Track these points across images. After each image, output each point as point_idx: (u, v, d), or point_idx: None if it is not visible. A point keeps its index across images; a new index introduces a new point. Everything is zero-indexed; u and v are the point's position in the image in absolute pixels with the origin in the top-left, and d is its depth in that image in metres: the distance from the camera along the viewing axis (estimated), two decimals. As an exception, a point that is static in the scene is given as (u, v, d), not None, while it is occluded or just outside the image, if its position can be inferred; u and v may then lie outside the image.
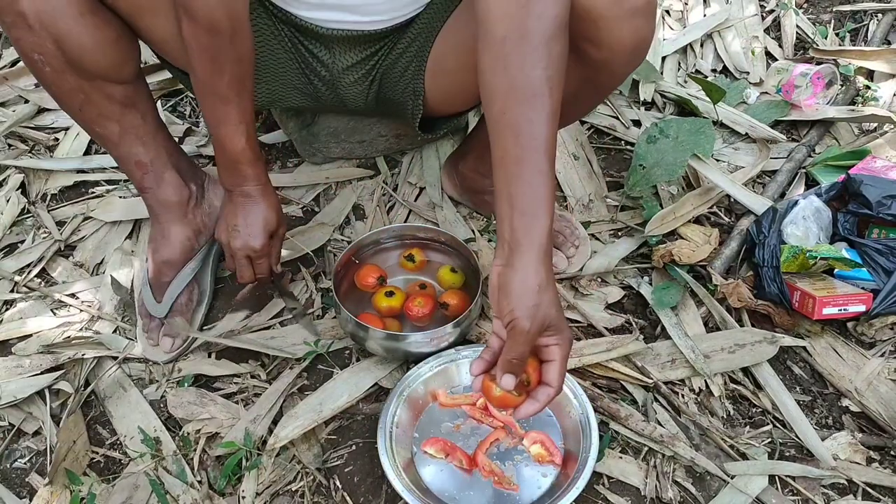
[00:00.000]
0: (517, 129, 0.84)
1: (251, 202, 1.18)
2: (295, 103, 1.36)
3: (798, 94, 1.73)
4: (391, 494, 1.13)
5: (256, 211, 1.18)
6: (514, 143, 0.84)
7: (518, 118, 0.84)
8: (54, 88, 1.11)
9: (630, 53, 1.00)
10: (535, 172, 0.84)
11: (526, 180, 0.84)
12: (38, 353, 1.32)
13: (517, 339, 0.84)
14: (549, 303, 0.84)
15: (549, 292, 0.84)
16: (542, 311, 0.83)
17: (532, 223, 0.84)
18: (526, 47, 0.83)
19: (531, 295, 0.82)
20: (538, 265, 0.83)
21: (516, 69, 0.84)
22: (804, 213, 1.37)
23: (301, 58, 1.24)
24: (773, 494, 1.12)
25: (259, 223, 1.19)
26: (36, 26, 0.98)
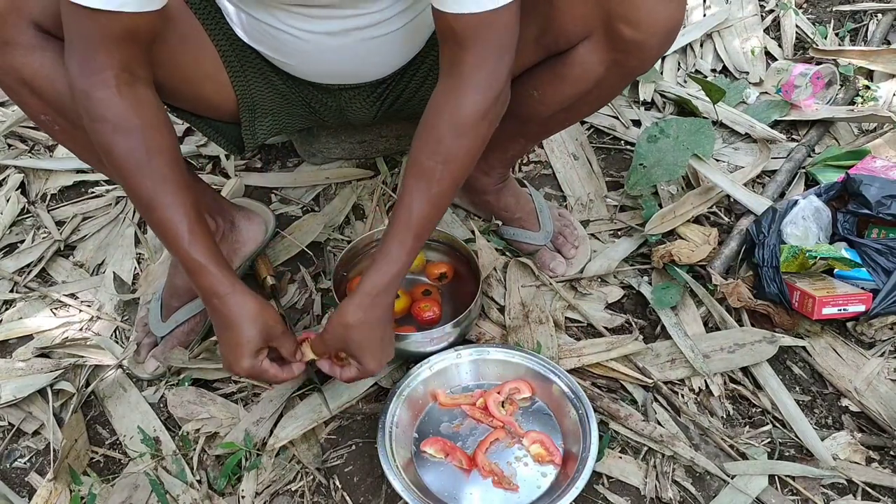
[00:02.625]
0: (404, 199, 1.01)
1: (221, 320, 1.02)
2: (300, 126, 1.36)
3: (798, 93, 1.73)
4: (391, 494, 1.13)
5: (229, 330, 1.01)
6: (399, 210, 1.01)
7: (409, 189, 1.00)
8: (69, 145, 1.11)
9: (663, 35, 1.02)
10: (396, 241, 1.01)
11: (388, 243, 1.02)
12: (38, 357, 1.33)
13: (319, 340, 1.08)
14: (353, 338, 1.04)
15: (359, 331, 1.03)
16: (341, 340, 1.05)
17: (375, 275, 1.02)
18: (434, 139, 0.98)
19: (340, 325, 1.03)
20: (358, 305, 1.02)
21: (419, 150, 0.99)
22: (804, 212, 1.37)
23: (307, 97, 1.24)
24: (772, 494, 1.12)
25: (234, 344, 1.01)
26: (37, 90, 0.98)
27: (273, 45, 1.11)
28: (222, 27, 1.12)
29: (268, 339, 1.03)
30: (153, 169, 0.94)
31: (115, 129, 0.92)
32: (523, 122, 1.22)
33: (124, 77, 0.91)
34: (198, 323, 1.33)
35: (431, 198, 1.00)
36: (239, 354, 1.01)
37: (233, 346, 1.01)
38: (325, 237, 1.50)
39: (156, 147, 0.94)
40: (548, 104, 1.15)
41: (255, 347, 1.02)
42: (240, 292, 1.00)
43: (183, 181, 0.97)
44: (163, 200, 0.95)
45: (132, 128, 0.92)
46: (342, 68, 1.15)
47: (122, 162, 0.94)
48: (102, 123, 0.92)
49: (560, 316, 1.35)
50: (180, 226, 0.96)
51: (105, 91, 0.90)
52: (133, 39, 0.90)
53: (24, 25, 0.93)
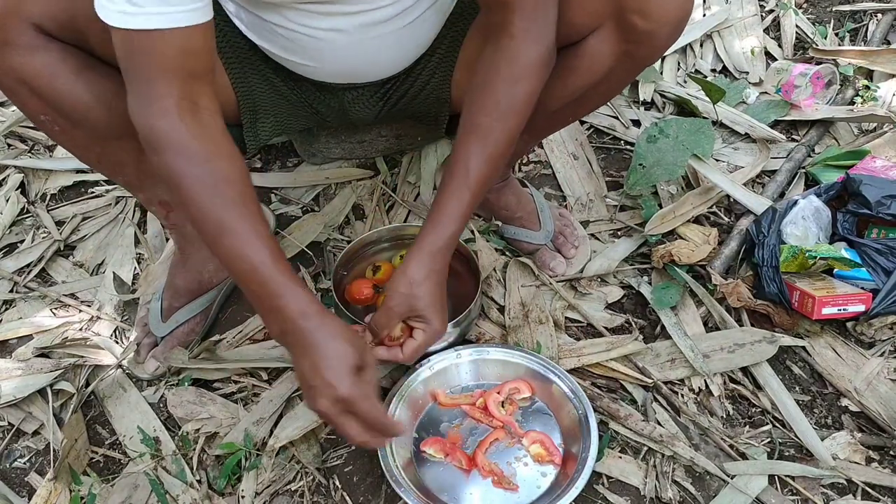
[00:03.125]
0: (461, 158, 1.01)
1: (311, 344, 0.90)
2: (302, 126, 1.36)
3: (797, 93, 1.73)
4: (390, 494, 1.13)
5: (321, 352, 0.90)
6: (455, 168, 1.01)
7: (465, 148, 1.01)
8: (68, 145, 1.10)
9: (674, 25, 1.04)
10: (454, 199, 1.01)
11: (445, 202, 1.02)
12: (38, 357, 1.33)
13: (382, 312, 1.04)
14: (419, 296, 1.01)
15: (426, 287, 1.01)
16: (409, 300, 1.01)
17: (433, 233, 1.02)
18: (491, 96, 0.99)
19: (406, 284, 1.01)
20: (420, 263, 1.01)
21: (475, 110, 1.01)
22: (804, 212, 1.37)
23: (309, 98, 1.24)
24: (772, 494, 1.12)
25: (333, 363, 0.89)
26: (37, 90, 0.97)
27: (281, 44, 1.11)
28: (222, 29, 1.11)
29: (363, 360, 0.92)
30: (222, 195, 0.90)
31: (178, 155, 0.89)
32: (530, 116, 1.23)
33: (185, 105, 0.89)
34: (198, 323, 1.32)
35: (489, 156, 1.01)
36: (338, 374, 0.88)
37: (327, 366, 0.89)
38: (325, 237, 1.50)
39: (224, 174, 0.91)
40: (556, 97, 1.15)
41: (354, 365, 0.90)
42: (330, 313, 0.94)
43: (256, 208, 0.93)
44: (235, 227, 0.90)
45: (197, 154, 0.89)
46: (350, 67, 1.14)
47: (189, 190, 0.90)
48: (166, 152, 0.89)
49: (560, 316, 1.35)
50: (261, 252, 0.90)
51: (166, 120, 0.88)
52: (190, 65, 0.88)
53: (24, 26, 0.93)
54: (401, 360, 1.06)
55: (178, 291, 1.32)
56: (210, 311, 1.35)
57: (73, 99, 0.97)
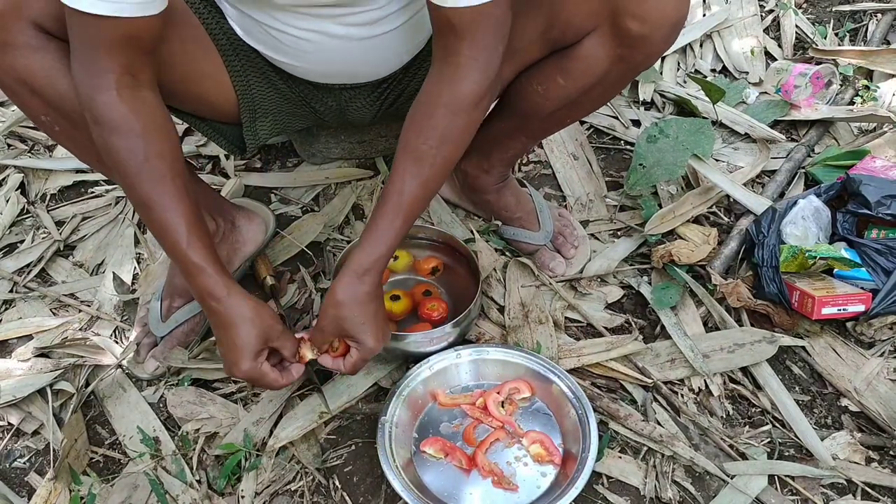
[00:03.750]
0: (396, 181, 1.01)
1: (219, 322, 1.01)
2: (301, 126, 1.36)
3: (797, 93, 1.73)
4: (390, 494, 1.13)
5: (227, 332, 1.00)
6: (390, 191, 1.02)
7: (401, 171, 1.01)
8: (69, 145, 1.11)
9: (669, 29, 1.04)
10: (386, 222, 1.02)
11: (377, 225, 1.03)
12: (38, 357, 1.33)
13: (316, 330, 1.06)
14: (347, 317, 1.03)
15: (352, 308, 1.03)
16: (337, 322, 1.03)
17: (362, 254, 1.03)
18: (430, 121, 0.99)
19: (333, 306, 1.03)
20: (348, 285, 1.03)
21: (413, 133, 1.01)
22: (803, 212, 1.37)
23: (308, 97, 1.24)
24: (772, 494, 1.12)
25: (234, 346, 1.00)
26: (38, 90, 0.98)
27: (273, 46, 1.11)
28: (223, 28, 1.12)
29: (267, 340, 1.02)
30: (152, 171, 0.94)
31: (114, 131, 0.92)
32: (525, 118, 1.23)
33: (126, 80, 0.92)
34: (198, 323, 1.32)
35: (424, 180, 1.01)
36: (237, 356, 1.00)
37: (231, 347, 1.00)
38: (325, 237, 1.49)
39: (156, 150, 0.94)
40: (552, 99, 1.15)
41: (254, 349, 1.01)
42: (236, 294, 1.00)
43: (183, 184, 0.97)
44: (161, 202, 0.95)
45: (132, 130, 0.93)
46: (343, 68, 1.15)
47: (121, 164, 0.94)
48: (103, 126, 0.92)
49: (560, 316, 1.35)
50: (178, 228, 0.96)
51: (106, 94, 0.91)
52: (134, 44, 0.90)
53: (24, 26, 0.93)
54: (343, 372, 1.09)
55: (177, 291, 1.31)
56: None
57: (73, 98, 0.97)
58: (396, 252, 1.36)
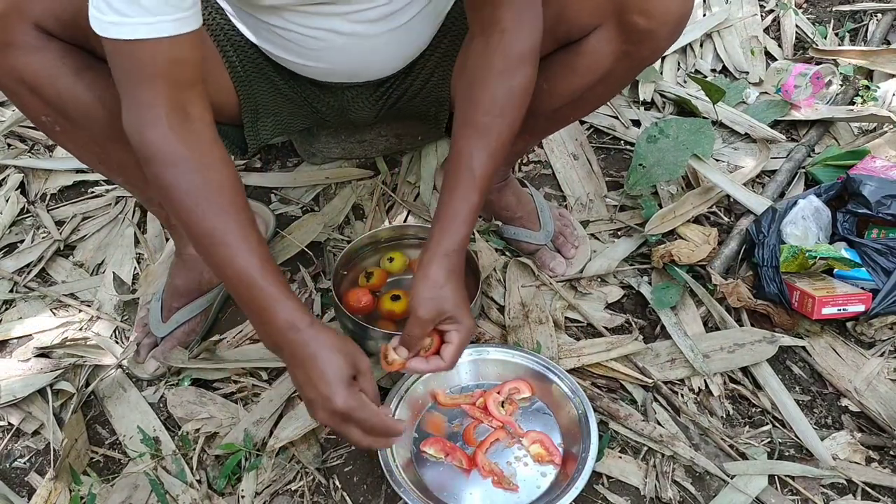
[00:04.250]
0: (462, 157, 1.00)
1: (303, 355, 0.91)
2: (302, 126, 1.36)
3: (797, 93, 1.73)
4: (390, 494, 1.13)
5: (315, 363, 0.90)
6: (458, 168, 1.00)
7: (466, 147, 1.00)
8: (69, 146, 1.10)
9: (674, 24, 1.04)
10: (462, 200, 1.00)
11: (453, 204, 1.00)
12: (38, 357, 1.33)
13: (413, 322, 0.99)
14: (446, 297, 0.98)
15: (448, 289, 0.99)
16: (437, 304, 0.98)
17: (447, 236, 1.00)
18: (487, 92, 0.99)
19: (430, 289, 0.98)
20: (439, 266, 0.99)
21: (472, 109, 1.00)
22: (803, 212, 1.37)
23: (310, 97, 1.24)
24: (772, 494, 1.12)
25: (325, 376, 0.89)
26: (38, 90, 0.97)
27: (280, 44, 1.11)
28: (224, 29, 1.12)
29: (357, 369, 0.93)
30: (213, 204, 0.90)
31: (167, 165, 0.88)
32: (530, 115, 1.22)
33: (175, 114, 0.88)
34: (198, 323, 1.32)
35: (492, 153, 1.00)
36: (330, 388, 0.88)
37: (320, 379, 0.89)
38: (325, 237, 1.49)
39: (214, 184, 0.90)
40: (557, 96, 1.15)
41: (347, 374, 0.90)
42: (318, 323, 0.92)
43: (246, 217, 0.92)
44: (227, 236, 0.90)
45: (187, 164, 0.89)
46: (348, 66, 1.15)
47: (180, 200, 0.89)
48: (155, 162, 0.89)
49: (560, 316, 1.35)
50: (250, 261, 0.90)
51: (156, 130, 0.88)
52: (178, 71, 0.87)
53: (25, 26, 0.93)
54: (444, 368, 1.01)
55: (178, 292, 1.31)
56: (210, 312, 1.35)
57: (73, 99, 0.97)
58: (392, 254, 1.37)
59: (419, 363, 1.01)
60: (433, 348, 1.02)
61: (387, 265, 1.37)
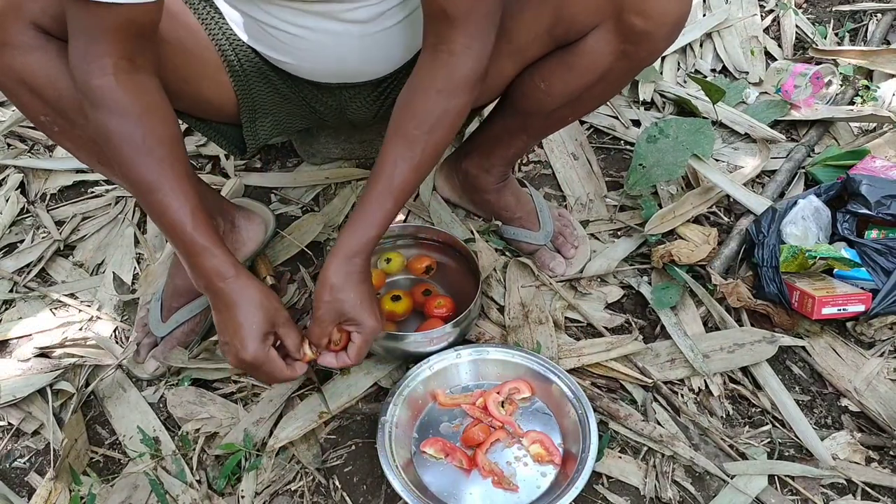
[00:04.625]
0: (386, 165, 1.02)
1: (225, 303, 0.97)
2: (301, 126, 1.36)
3: (797, 93, 1.73)
4: (390, 494, 1.13)
5: (234, 314, 0.97)
6: (380, 174, 1.02)
7: (391, 155, 1.02)
8: (68, 146, 1.10)
9: (672, 25, 1.04)
10: (375, 204, 1.02)
11: (365, 207, 1.02)
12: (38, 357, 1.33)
13: (314, 323, 1.03)
14: (344, 300, 1.01)
15: (347, 291, 1.01)
16: (335, 306, 1.01)
17: (352, 237, 1.02)
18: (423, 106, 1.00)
19: (328, 292, 1.01)
20: (339, 268, 1.01)
21: (404, 119, 1.02)
22: (803, 212, 1.37)
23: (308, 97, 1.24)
24: (772, 494, 1.12)
25: (241, 328, 0.96)
26: (37, 89, 0.97)
27: (271, 44, 1.11)
28: (222, 28, 1.11)
29: (273, 324, 0.99)
30: (152, 153, 0.93)
31: (112, 114, 0.91)
32: (528, 116, 1.23)
33: (123, 64, 0.90)
34: (198, 323, 1.32)
35: (415, 165, 1.02)
36: (244, 338, 0.96)
37: (236, 329, 0.96)
38: (325, 237, 1.49)
39: (156, 133, 0.93)
40: (554, 96, 1.15)
41: (262, 331, 0.97)
42: (243, 275, 0.98)
43: (184, 168, 0.96)
44: (162, 185, 0.93)
45: (130, 113, 0.91)
46: (342, 66, 1.15)
47: (120, 147, 0.92)
48: (100, 109, 0.91)
49: (560, 316, 1.35)
50: (182, 209, 0.94)
51: (103, 78, 0.90)
52: (132, 29, 0.89)
53: (23, 25, 0.93)
54: (349, 364, 1.06)
55: (178, 291, 1.31)
56: (210, 311, 1.35)
57: (72, 98, 0.97)
58: (389, 254, 1.37)
59: (328, 358, 1.06)
60: (342, 343, 1.06)
61: (384, 266, 1.37)
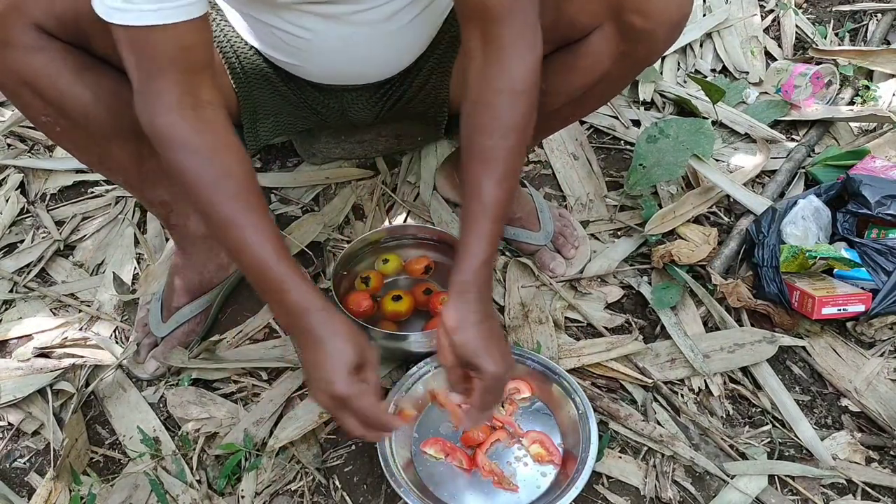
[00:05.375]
0: (472, 188, 0.96)
1: (313, 340, 0.92)
2: (302, 127, 1.36)
3: (797, 93, 1.73)
4: (390, 494, 1.13)
5: (323, 348, 0.92)
6: (470, 200, 0.96)
7: (474, 177, 0.96)
8: (69, 146, 1.10)
9: (672, 25, 1.04)
10: (476, 232, 0.95)
11: (468, 238, 0.96)
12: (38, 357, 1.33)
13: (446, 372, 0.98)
14: (462, 343, 0.94)
15: (465, 333, 0.94)
16: (455, 351, 0.95)
17: (462, 273, 0.96)
18: (490, 113, 0.95)
19: (445, 336, 0.95)
20: (454, 309, 0.95)
21: (476, 133, 0.95)
22: (803, 212, 1.37)
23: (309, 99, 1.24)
24: (772, 494, 1.12)
25: (330, 359, 0.91)
26: (39, 90, 0.97)
27: (276, 46, 1.11)
28: (224, 29, 1.12)
29: (363, 359, 0.93)
30: (226, 189, 0.91)
31: (182, 151, 0.90)
32: None
33: (187, 100, 0.90)
34: (198, 323, 1.32)
35: (500, 178, 0.96)
36: (333, 373, 0.90)
37: (324, 363, 0.91)
38: (325, 237, 1.49)
39: (225, 167, 0.92)
40: (554, 96, 1.15)
41: (352, 363, 0.91)
42: (332, 309, 0.94)
43: (258, 201, 0.94)
44: (239, 220, 0.91)
45: (199, 150, 0.90)
46: (346, 68, 1.14)
47: (194, 185, 0.91)
48: (169, 148, 0.90)
49: (560, 316, 1.35)
50: (263, 245, 0.91)
51: (169, 116, 0.89)
52: (187, 57, 0.88)
53: (25, 26, 0.93)
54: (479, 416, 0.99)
55: (178, 291, 1.31)
56: (210, 311, 1.35)
57: (73, 99, 0.97)
58: (386, 255, 1.36)
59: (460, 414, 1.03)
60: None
61: (381, 267, 1.37)
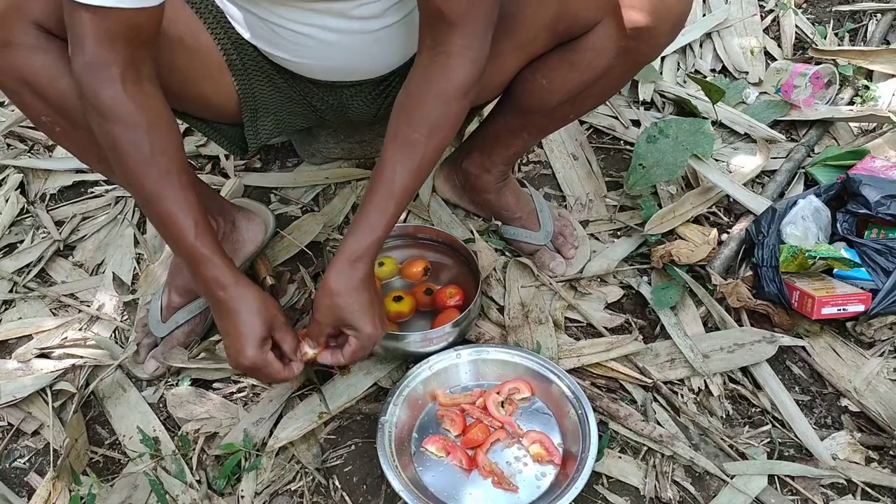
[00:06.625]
0: (386, 169, 1.03)
1: (225, 311, 1.01)
2: (302, 125, 1.36)
3: (797, 93, 1.73)
4: (390, 494, 1.13)
5: (233, 321, 1.01)
6: (380, 178, 1.03)
7: (390, 159, 1.03)
8: (69, 146, 1.10)
9: (673, 21, 1.05)
10: (377, 210, 1.03)
11: (368, 213, 1.03)
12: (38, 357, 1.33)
13: (313, 324, 1.06)
14: (343, 306, 1.02)
15: (348, 297, 1.02)
16: (334, 311, 1.03)
17: (354, 242, 1.03)
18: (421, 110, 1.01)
19: (328, 296, 1.03)
20: (340, 273, 1.02)
21: (403, 122, 1.02)
22: (803, 212, 1.37)
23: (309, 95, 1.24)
24: (772, 494, 1.12)
25: (240, 333, 1.01)
26: (39, 90, 0.98)
27: (274, 42, 1.11)
28: (224, 27, 1.12)
29: (271, 329, 1.03)
30: (158, 164, 0.95)
31: (120, 124, 0.93)
32: (529, 114, 1.23)
33: (130, 74, 0.92)
34: (198, 324, 1.32)
35: (414, 169, 1.02)
36: (243, 344, 1.00)
37: (236, 336, 1.01)
38: (325, 237, 1.49)
39: (160, 143, 0.95)
40: (555, 93, 1.16)
41: (259, 336, 1.01)
42: (243, 284, 1.02)
43: (187, 178, 0.99)
44: (167, 194, 0.96)
45: (137, 124, 0.93)
46: (343, 64, 1.15)
47: (127, 157, 0.94)
48: (109, 119, 0.92)
49: (560, 316, 1.35)
50: (185, 219, 0.97)
51: (111, 88, 0.91)
52: (136, 35, 0.90)
53: (25, 26, 0.93)
54: (343, 363, 1.08)
55: (177, 292, 1.31)
56: (210, 311, 1.35)
57: (73, 98, 0.97)
58: (381, 258, 1.36)
59: (325, 356, 1.08)
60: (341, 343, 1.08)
61: (376, 270, 1.36)
